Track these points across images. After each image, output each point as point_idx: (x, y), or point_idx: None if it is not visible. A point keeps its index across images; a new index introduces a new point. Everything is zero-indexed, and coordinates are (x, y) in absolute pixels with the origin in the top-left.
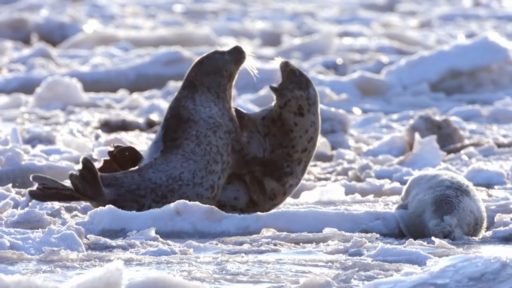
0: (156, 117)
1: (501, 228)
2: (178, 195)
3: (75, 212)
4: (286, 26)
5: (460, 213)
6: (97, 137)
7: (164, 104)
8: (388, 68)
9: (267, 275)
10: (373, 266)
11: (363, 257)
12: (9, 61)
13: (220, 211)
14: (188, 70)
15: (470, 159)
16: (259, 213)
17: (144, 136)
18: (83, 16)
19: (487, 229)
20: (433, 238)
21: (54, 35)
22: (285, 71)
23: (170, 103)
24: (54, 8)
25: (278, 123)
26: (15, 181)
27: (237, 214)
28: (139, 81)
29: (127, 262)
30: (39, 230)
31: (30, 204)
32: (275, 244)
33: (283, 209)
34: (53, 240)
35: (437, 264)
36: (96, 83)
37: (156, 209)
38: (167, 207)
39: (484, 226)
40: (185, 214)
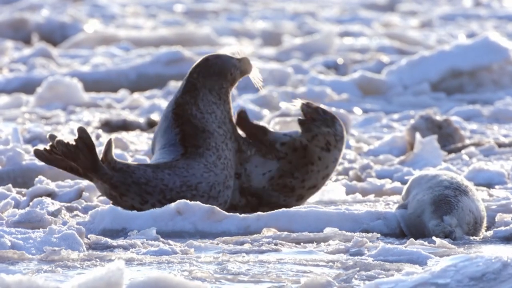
0: (156, 117)
1: (502, 228)
2: None
3: (76, 212)
4: (286, 26)
5: (459, 212)
6: (98, 137)
7: (165, 104)
8: (389, 68)
9: (268, 275)
10: (374, 266)
11: (364, 257)
12: (9, 61)
13: (221, 211)
14: (190, 70)
15: (471, 159)
16: (260, 213)
17: (145, 136)
18: (83, 16)
19: (488, 228)
20: (434, 238)
21: (55, 35)
22: (308, 112)
23: (172, 107)
24: (55, 8)
25: (301, 154)
26: (16, 181)
27: (238, 214)
28: (140, 81)
29: (128, 262)
30: (40, 230)
31: (31, 204)
32: (276, 244)
33: (284, 209)
34: (54, 240)
35: (438, 264)
36: (96, 83)
37: (157, 209)
38: (168, 207)
39: (484, 226)
40: (186, 214)
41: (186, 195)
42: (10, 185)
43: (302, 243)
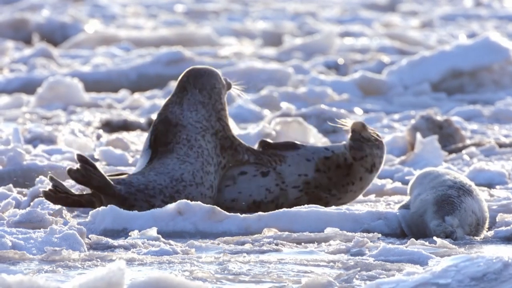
0: None
1: (503, 228)
2: (184, 196)
3: (76, 212)
4: (287, 26)
5: (461, 213)
6: (98, 137)
7: None
8: (390, 68)
9: (269, 275)
10: (375, 266)
11: (365, 257)
12: (10, 61)
13: (222, 211)
14: (181, 76)
15: (472, 159)
16: (260, 213)
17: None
18: (84, 16)
19: (489, 229)
20: (435, 238)
21: (56, 35)
22: (361, 135)
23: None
24: (56, 8)
25: (344, 171)
26: (17, 181)
27: (238, 214)
28: (141, 81)
29: (129, 262)
30: (41, 230)
31: (31, 204)
32: (276, 244)
33: (285, 209)
34: (55, 240)
35: (439, 264)
36: (97, 83)
37: (157, 209)
38: (169, 207)
39: (486, 226)
40: (186, 214)
41: (179, 188)
42: (11, 185)
43: (303, 243)
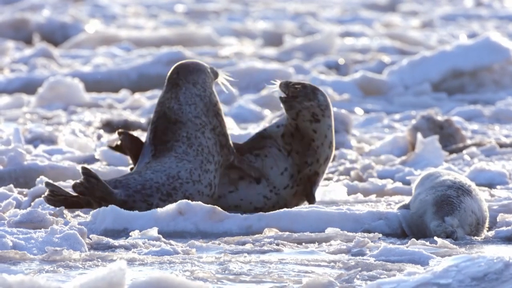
0: None
1: (504, 228)
2: (181, 193)
3: (77, 212)
4: (287, 26)
5: (461, 213)
6: (99, 137)
7: None
8: (390, 68)
9: (270, 275)
10: (375, 266)
11: (366, 257)
12: (11, 61)
13: (223, 211)
14: (168, 74)
15: (472, 159)
16: (261, 213)
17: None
18: (85, 16)
19: (490, 229)
20: (435, 238)
21: (56, 35)
22: (289, 91)
23: (155, 108)
24: (56, 8)
25: (298, 136)
26: (18, 181)
27: (239, 214)
28: (141, 81)
29: (129, 262)
30: (42, 230)
31: (32, 204)
32: (277, 244)
33: (285, 209)
34: (55, 240)
35: (440, 264)
36: (98, 83)
37: (158, 209)
38: (170, 207)
39: (486, 226)
40: (187, 214)
41: (175, 185)
42: (11, 185)
43: (303, 243)
